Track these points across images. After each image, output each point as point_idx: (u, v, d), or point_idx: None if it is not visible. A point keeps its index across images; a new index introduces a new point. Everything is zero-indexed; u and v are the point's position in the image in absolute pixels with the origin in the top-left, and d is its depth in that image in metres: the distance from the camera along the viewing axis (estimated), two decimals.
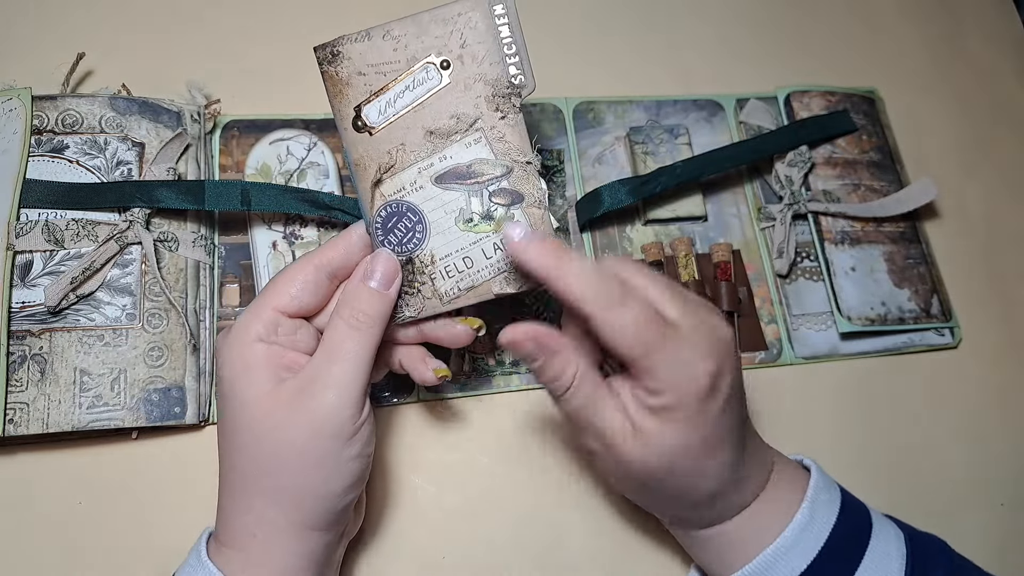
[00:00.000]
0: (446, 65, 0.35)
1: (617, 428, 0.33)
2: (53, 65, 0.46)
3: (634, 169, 0.50)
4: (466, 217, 0.36)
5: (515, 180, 0.36)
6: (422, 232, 0.36)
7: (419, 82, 0.35)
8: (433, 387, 0.44)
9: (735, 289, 0.48)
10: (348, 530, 0.38)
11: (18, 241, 0.41)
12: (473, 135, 0.35)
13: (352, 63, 0.35)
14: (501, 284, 0.36)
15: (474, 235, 0.36)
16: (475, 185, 0.36)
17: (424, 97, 0.35)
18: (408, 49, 0.35)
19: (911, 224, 0.52)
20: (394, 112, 0.35)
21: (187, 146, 0.45)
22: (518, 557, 0.42)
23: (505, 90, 0.35)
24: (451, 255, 0.36)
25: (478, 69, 0.35)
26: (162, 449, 0.42)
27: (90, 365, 0.40)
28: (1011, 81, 0.60)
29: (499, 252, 0.36)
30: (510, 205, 0.36)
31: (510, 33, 0.35)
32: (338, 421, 0.33)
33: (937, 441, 0.48)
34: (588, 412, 0.34)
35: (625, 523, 0.43)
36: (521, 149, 0.36)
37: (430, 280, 0.36)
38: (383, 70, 0.35)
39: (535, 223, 0.36)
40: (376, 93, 0.35)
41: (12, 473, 0.40)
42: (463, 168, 0.36)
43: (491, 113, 0.35)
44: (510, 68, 0.35)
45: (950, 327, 0.50)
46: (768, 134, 0.52)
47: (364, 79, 0.35)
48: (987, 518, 0.46)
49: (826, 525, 0.34)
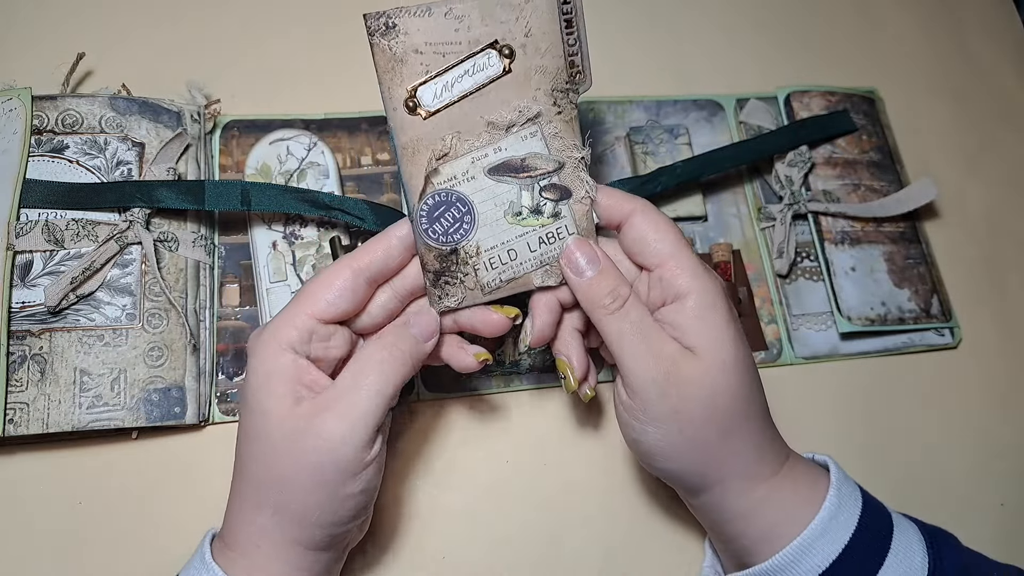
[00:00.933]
0: (509, 53, 0.34)
1: (672, 350, 0.34)
2: (53, 65, 0.46)
3: (634, 169, 0.50)
4: (515, 211, 0.35)
5: (566, 176, 0.35)
6: (470, 223, 0.35)
7: (480, 68, 0.34)
8: (433, 387, 0.44)
9: (735, 289, 0.48)
10: (351, 541, 0.38)
11: (18, 241, 0.41)
12: (530, 128, 0.35)
13: (409, 39, 0.33)
14: (543, 276, 0.36)
15: (521, 228, 0.36)
16: (527, 179, 0.35)
17: (484, 84, 0.34)
18: (471, 31, 0.33)
19: (911, 224, 0.52)
20: (451, 97, 0.34)
21: (187, 146, 0.45)
22: (518, 557, 0.42)
23: (564, 84, 0.34)
24: (496, 247, 0.36)
25: (540, 61, 0.34)
26: (162, 449, 0.42)
27: (90, 365, 0.40)
28: (1011, 81, 0.60)
29: (543, 245, 0.36)
30: (559, 200, 0.36)
31: (575, 26, 0.34)
32: (345, 454, 0.32)
33: (937, 441, 0.48)
34: (644, 331, 0.34)
35: (626, 524, 0.43)
36: (575, 144, 0.35)
37: (473, 271, 0.36)
38: (443, 50, 0.33)
39: (580, 219, 0.36)
40: (434, 75, 0.34)
41: (12, 473, 0.40)
42: (517, 161, 0.35)
43: (549, 107, 0.35)
44: (572, 61, 0.34)
45: (950, 327, 0.50)
46: (768, 134, 0.52)
47: (421, 58, 0.34)
48: (987, 518, 0.46)
49: (854, 512, 0.34)
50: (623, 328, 0.34)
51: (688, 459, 0.35)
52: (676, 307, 0.35)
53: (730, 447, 0.34)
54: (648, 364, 0.34)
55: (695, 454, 0.34)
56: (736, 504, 0.35)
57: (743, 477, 0.35)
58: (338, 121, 0.49)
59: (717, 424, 0.34)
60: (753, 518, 0.35)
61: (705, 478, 0.35)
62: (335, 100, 0.49)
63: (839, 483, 0.35)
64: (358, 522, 0.35)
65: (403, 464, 0.43)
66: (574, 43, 0.34)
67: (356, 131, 0.49)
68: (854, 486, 0.36)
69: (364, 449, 0.32)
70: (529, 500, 0.43)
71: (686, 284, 0.34)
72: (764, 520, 0.34)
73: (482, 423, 0.44)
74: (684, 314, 0.34)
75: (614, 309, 0.35)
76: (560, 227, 0.36)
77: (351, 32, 0.53)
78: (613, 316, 0.35)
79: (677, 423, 0.34)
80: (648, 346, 0.34)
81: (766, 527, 0.34)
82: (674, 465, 0.35)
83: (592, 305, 0.35)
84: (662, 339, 0.34)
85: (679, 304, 0.34)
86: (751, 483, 0.35)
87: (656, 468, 0.36)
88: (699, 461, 0.35)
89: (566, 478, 0.43)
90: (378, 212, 0.44)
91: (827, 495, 0.34)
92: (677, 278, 0.35)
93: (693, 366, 0.34)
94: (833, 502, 0.34)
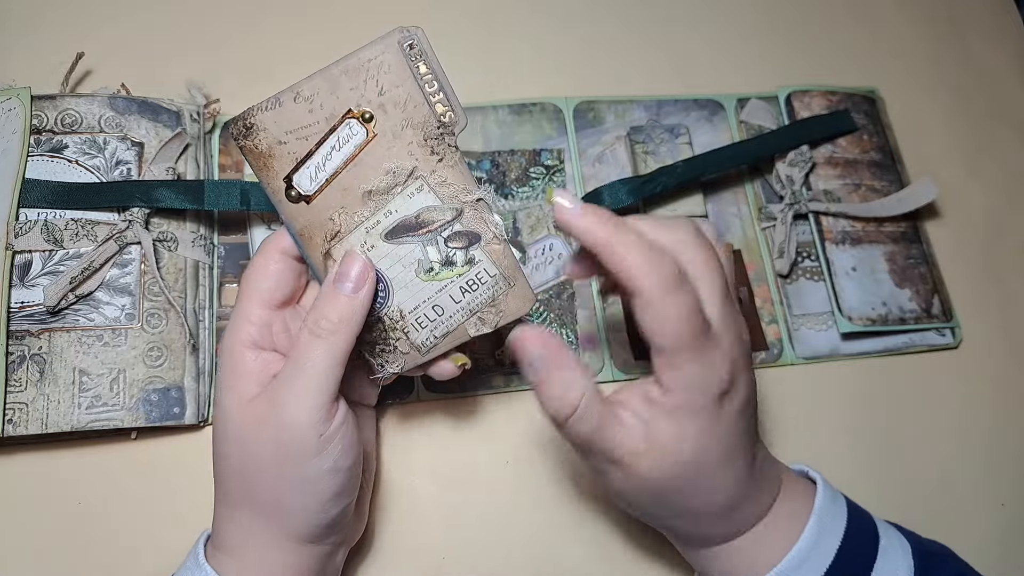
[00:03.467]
0: (368, 118, 0.33)
1: (629, 447, 0.31)
2: (52, 65, 0.46)
3: (635, 169, 0.50)
4: (426, 267, 0.34)
5: (468, 221, 0.34)
6: (384, 290, 0.35)
7: (344, 140, 0.33)
8: (432, 386, 0.44)
9: (736, 289, 0.47)
10: (348, 538, 0.38)
11: (17, 241, 0.40)
12: (414, 184, 0.34)
13: (269, 133, 0.33)
14: (476, 325, 0.35)
15: (438, 283, 0.35)
16: (428, 234, 0.34)
17: (353, 154, 0.33)
18: (324, 108, 0.33)
19: (912, 224, 0.52)
20: (326, 176, 0.33)
21: (186, 146, 0.45)
22: (518, 558, 0.41)
23: (436, 131, 0.33)
24: (420, 306, 0.35)
25: (403, 115, 0.33)
26: (161, 449, 0.42)
27: (89, 365, 0.40)
28: (1011, 81, 0.60)
29: (468, 294, 0.35)
30: (468, 247, 0.34)
31: (429, 70, 0.33)
32: (300, 436, 0.31)
33: (937, 441, 0.48)
34: (597, 436, 0.32)
35: (627, 525, 0.43)
36: (466, 188, 0.34)
37: (404, 334, 0.35)
38: (303, 134, 0.33)
39: (497, 259, 0.35)
40: (302, 160, 0.33)
41: (12, 473, 0.40)
42: (411, 220, 0.34)
43: (427, 158, 0.33)
44: (437, 107, 0.33)
45: (951, 327, 0.50)
46: (769, 134, 0.52)
47: (286, 147, 0.33)
48: (987, 518, 0.46)
49: (834, 541, 0.34)
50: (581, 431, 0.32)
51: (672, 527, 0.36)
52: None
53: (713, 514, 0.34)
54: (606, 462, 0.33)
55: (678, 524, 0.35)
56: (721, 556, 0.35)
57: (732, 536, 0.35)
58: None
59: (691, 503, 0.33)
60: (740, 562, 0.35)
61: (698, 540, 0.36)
62: None
63: (821, 511, 0.34)
64: (340, 507, 0.34)
65: (403, 464, 0.43)
66: (433, 85, 0.33)
67: None
68: (840, 508, 0.35)
69: (321, 424, 0.32)
70: (529, 501, 0.43)
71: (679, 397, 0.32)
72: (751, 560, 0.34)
73: (482, 423, 0.44)
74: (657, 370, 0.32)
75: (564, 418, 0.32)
76: (479, 272, 0.35)
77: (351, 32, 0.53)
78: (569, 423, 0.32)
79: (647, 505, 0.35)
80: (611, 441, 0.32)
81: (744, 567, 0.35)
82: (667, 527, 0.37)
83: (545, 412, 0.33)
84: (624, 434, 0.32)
85: None
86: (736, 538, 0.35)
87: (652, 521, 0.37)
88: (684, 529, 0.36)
89: (566, 479, 0.43)
90: None
91: (806, 525, 0.34)
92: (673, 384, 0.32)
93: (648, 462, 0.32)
94: (812, 532, 0.34)
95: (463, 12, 0.55)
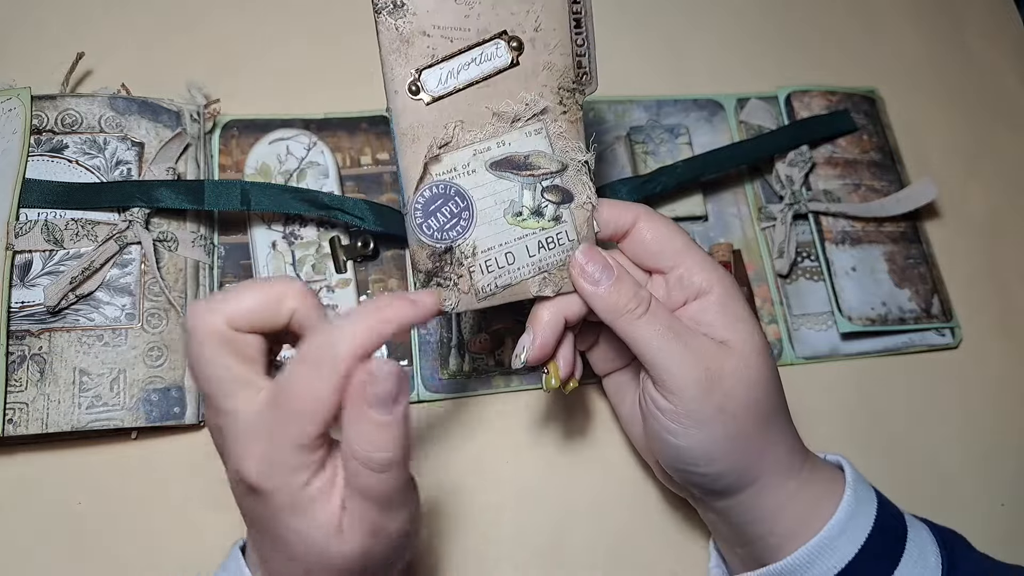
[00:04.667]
0: (518, 45, 0.33)
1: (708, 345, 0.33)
2: (53, 65, 0.46)
3: (634, 169, 0.50)
4: (516, 210, 0.34)
5: (568, 178, 0.35)
6: (468, 220, 0.34)
7: (487, 57, 0.33)
8: (432, 386, 0.44)
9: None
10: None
11: (17, 241, 0.40)
12: (535, 124, 0.34)
13: (417, 20, 0.32)
14: (539, 285, 0.35)
15: (520, 230, 0.34)
16: (530, 178, 0.34)
17: (490, 74, 0.33)
18: (481, 19, 0.33)
19: (912, 224, 0.52)
20: (456, 84, 0.33)
21: (187, 146, 0.45)
22: (519, 557, 0.41)
23: (571, 84, 0.34)
24: (493, 248, 0.34)
25: (548, 57, 0.33)
26: (161, 449, 0.41)
27: (89, 365, 0.40)
28: (1011, 81, 0.60)
29: (543, 251, 0.35)
30: (560, 203, 0.35)
31: (584, 27, 0.34)
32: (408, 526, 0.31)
33: (937, 441, 0.48)
34: (676, 330, 0.33)
35: (630, 524, 0.43)
36: (579, 146, 0.35)
37: (468, 273, 0.34)
38: (451, 35, 0.33)
39: (580, 225, 0.35)
40: (439, 60, 0.33)
41: (12, 473, 0.40)
42: (520, 158, 0.34)
43: (555, 105, 0.34)
44: (580, 61, 0.34)
45: (950, 327, 0.50)
46: (768, 134, 0.52)
47: (428, 40, 0.33)
48: (987, 518, 0.46)
49: (870, 512, 0.34)
50: (654, 331, 0.33)
51: (732, 458, 0.34)
52: (700, 304, 0.35)
53: (768, 439, 0.34)
54: (688, 363, 0.33)
55: (738, 451, 0.34)
56: (768, 501, 0.34)
57: (777, 472, 0.34)
58: (338, 121, 0.49)
59: (756, 416, 0.34)
60: (781, 516, 0.34)
61: (743, 477, 0.34)
62: (335, 100, 0.49)
63: (855, 483, 0.35)
64: None
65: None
66: (582, 43, 0.34)
67: (356, 131, 0.49)
68: (869, 486, 0.36)
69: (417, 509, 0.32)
70: (529, 500, 0.43)
71: (707, 279, 0.34)
72: (791, 518, 0.34)
73: (482, 423, 0.44)
74: (710, 309, 0.34)
75: (640, 313, 0.34)
76: (560, 232, 0.35)
77: (351, 32, 0.53)
78: (641, 320, 0.34)
79: (722, 421, 0.33)
80: (684, 344, 0.33)
81: (792, 524, 0.34)
82: (717, 467, 0.34)
83: (615, 314, 0.34)
84: (695, 336, 0.34)
85: (702, 300, 0.35)
86: (784, 478, 0.34)
87: (696, 473, 0.34)
88: (741, 458, 0.34)
89: (567, 478, 0.43)
90: (378, 212, 0.43)
91: (844, 494, 0.34)
92: (696, 275, 0.35)
93: (730, 359, 0.33)
94: (851, 502, 0.34)
95: None
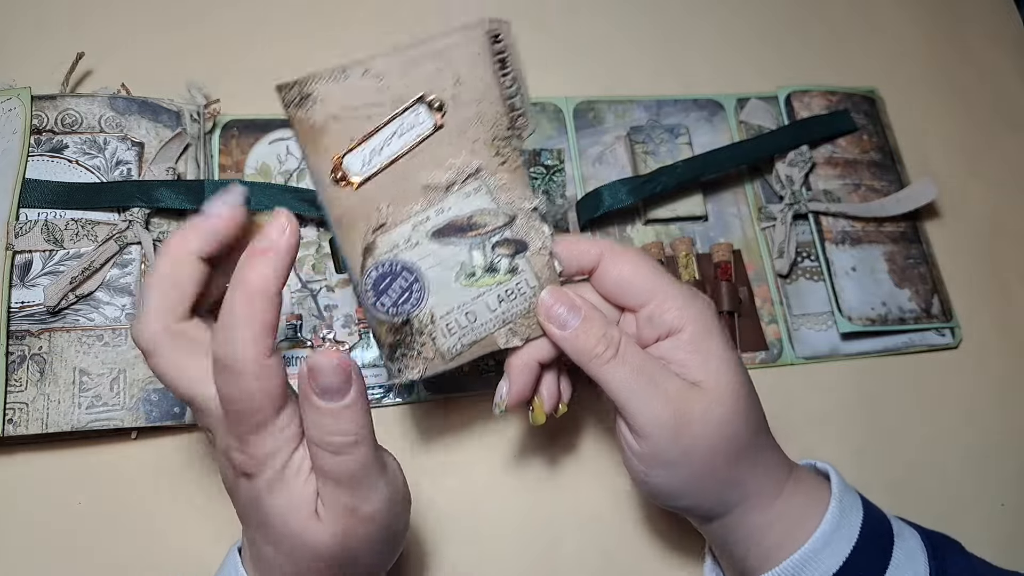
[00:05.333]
0: (439, 107, 0.31)
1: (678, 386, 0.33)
2: (53, 65, 0.46)
3: (634, 169, 0.50)
4: (468, 272, 0.33)
5: (519, 228, 0.33)
6: (420, 291, 0.33)
7: (408, 126, 0.31)
8: (432, 386, 0.44)
9: (735, 289, 0.48)
10: None
11: (17, 241, 0.40)
12: (472, 184, 0.32)
13: (326, 106, 0.30)
14: (507, 337, 0.34)
15: (477, 289, 0.33)
16: (476, 238, 0.32)
17: (415, 143, 0.31)
18: (393, 89, 0.30)
19: (912, 224, 0.52)
20: (381, 162, 0.31)
21: (186, 146, 0.45)
22: (517, 558, 0.41)
23: (505, 132, 0.32)
24: (452, 311, 0.33)
25: (476, 109, 0.31)
26: (161, 449, 0.41)
27: (89, 365, 0.40)
28: (1012, 80, 0.60)
29: (504, 303, 0.33)
30: (515, 255, 0.33)
31: (510, 67, 0.31)
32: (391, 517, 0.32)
33: (937, 441, 0.48)
34: (646, 373, 0.33)
35: (625, 526, 0.43)
36: (524, 195, 0.33)
37: (431, 339, 0.33)
38: (365, 113, 0.30)
39: (540, 271, 0.34)
40: (358, 141, 0.31)
41: (12, 473, 0.40)
42: (463, 221, 0.32)
43: (491, 158, 0.32)
44: (510, 106, 0.31)
45: (950, 327, 0.50)
46: (769, 134, 0.52)
47: (342, 125, 0.30)
48: (987, 518, 0.46)
49: (855, 524, 0.34)
50: (623, 374, 0.33)
51: (701, 495, 0.34)
52: (672, 342, 0.33)
53: (744, 469, 0.34)
54: (656, 408, 0.32)
55: (707, 488, 0.34)
56: (749, 523, 0.34)
57: (758, 495, 0.34)
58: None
59: (727, 453, 0.33)
60: (764, 535, 0.34)
61: (718, 506, 0.34)
62: None
63: (840, 494, 0.35)
64: None
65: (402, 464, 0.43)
66: (511, 84, 0.31)
67: None
68: (855, 495, 0.36)
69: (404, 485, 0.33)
70: (528, 501, 0.43)
71: (678, 317, 0.33)
72: (774, 535, 0.34)
73: (482, 423, 0.44)
74: (682, 348, 0.33)
75: (609, 357, 0.33)
76: (519, 282, 0.34)
77: (351, 32, 0.53)
78: (610, 364, 0.33)
79: (688, 463, 0.33)
80: (654, 388, 0.33)
81: (777, 541, 0.34)
82: (686, 502, 0.35)
83: (584, 357, 0.33)
84: (666, 377, 0.33)
85: (675, 338, 0.33)
86: (766, 499, 0.34)
87: (667, 505, 0.36)
88: (712, 493, 0.34)
89: (565, 480, 0.43)
90: None
91: (828, 507, 0.34)
92: (667, 313, 0.33)
93: (700, 401, 0.33)
94: (835, 514, 0.34)
95: (463, 12, 0.55)
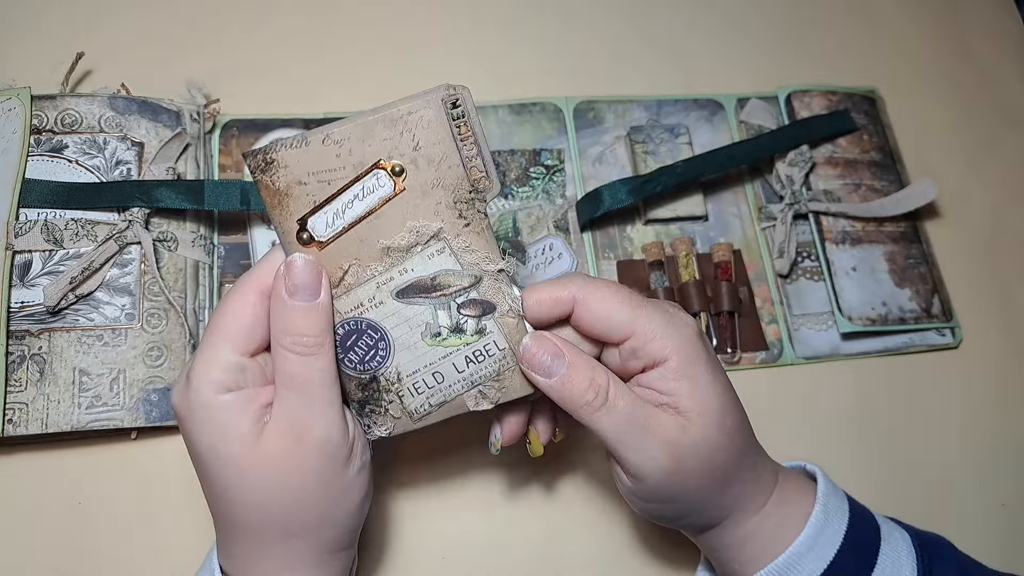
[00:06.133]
0: (398, 171, 0.31)
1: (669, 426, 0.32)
2: (52, 65, 0.46)
3: (635, 168, 0.50)
4: (433, 331, 0.33)
5: (485, 290, 0.33)
6: (385, 349, 0.33)
7: (369, 190, 0.31)
8: None
9: (736, 289, 0.47)
10: None
11: (17, 241, 0.40)
12: (436, 245, 0.32)
13: (290, 171, 0.31)
14: (476, 399, 0.34)
15: (443, 349, 0.33)
16: (441, 297, 0.33)
17: (376, 206, 0.31)
18: (353, 155, 0.31)
19: (912, 224, 0.52)
20: (343, 224, 0.32)
21: (186, 146, 0.45)
22: (516, 560, 0.41)
23: (467, 195, 0.32)
24: (419, 371, 0.33)
25: (436, 173, 0.31)
26: (161, 449, 0.41)
27: (89, 365, 0.40)
28: (1012, 80, 0.60)
29: (472, 365, 0.34)
30: (481, 316, 0.33)
31: (469, 131, 0.31)
32: (335, 450, 0.31)
33: (937, 441, 0.48)
34: (638, 418, 0.32)
35: (623, 529, 0.43)
36: (489, 257, 0.33)
37: (398, 398, 0.34)
38: (326, 178, 0.31)
39: (509, 333, 0.33)
40: (320, 204, 0.31)
41: (12, 473, 0.40)
42: (427, 281, 0.32)
43: (454, 221, 0.32)
44: (472, 171, 0.32)
45: (951, 327, 0.50)
46: (769, 134, 0.52)
47: (305, 188, 0.31)
48: (987, 518, 0.46)
49: (840, 528, 0.34)
50: (614, 422, 0.32)
51: (692, 516, 0.35)
52: (658, 372, 0.33)
53: (729, 491, 0.34)
54: (650, 453, 0.32)
55: (697, 510, 0.34)
56: (736, 532, 0.35)
57: (744, 506, 0.35)
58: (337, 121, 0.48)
59: (717, 478, 0.33)
60: (749, 542, 0.35)
61: (706, 524, 0.35)
62: (334, 100, 0.49)
63: (825, 498, 0.35)
64: (369, 503, 0.34)
65: (404, 466, 0.43)
66: (471, 148, 0.31)
67: None
68: (842, 497, 0.36)
69: (344, 432, 0.32)
70: (527, 504, 0.43)
71: (661, 348, 0.33)
72: (760, 542, 0.35)
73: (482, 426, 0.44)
74: (668, 377, 0.33)
75: (599, 404, 0.32)
76: (488, 343, 0.33)
77: (351, 32, 0.53)
78: (600, 413, 0.32)
79: (683, 494, 0.33)
80: (646, 434, 0.32)
81: (758, 550, 0.34)
82: (679, 523, 0.36)
83: (573, 405, 0.33)
84: (657, 421, 0.33)
85: (660, 369, 0.33)
86: (753, 506, 0.35)
87: (660, 524, 0.39)
88: (703, 513, 0.35)
89: (565, 484, 0.43)
90: None
91: (813, 511, 0.34)
92: (649, 344, 0.33)
93: (691, 435, 0.32)
94: (819, 518, 0.34)
95: (462, 12, 0.55)
